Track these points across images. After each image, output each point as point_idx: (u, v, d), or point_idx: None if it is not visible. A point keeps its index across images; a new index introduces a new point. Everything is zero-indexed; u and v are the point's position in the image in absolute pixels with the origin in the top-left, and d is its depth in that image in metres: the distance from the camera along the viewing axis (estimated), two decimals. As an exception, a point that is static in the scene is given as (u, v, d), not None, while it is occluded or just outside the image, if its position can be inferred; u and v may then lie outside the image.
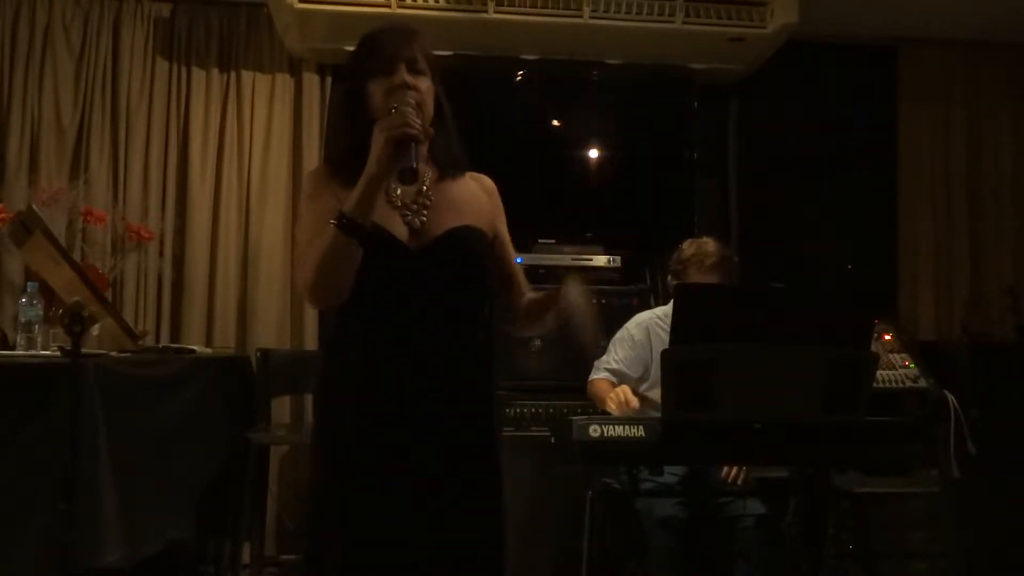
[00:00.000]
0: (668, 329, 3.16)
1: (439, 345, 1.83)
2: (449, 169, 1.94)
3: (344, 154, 1.88)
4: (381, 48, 1.87)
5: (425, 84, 1.86)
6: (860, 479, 3.66)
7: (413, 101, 1.78)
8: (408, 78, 1.83)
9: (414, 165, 1.71)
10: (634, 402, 2.96)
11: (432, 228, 1.87)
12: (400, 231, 1.85)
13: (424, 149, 1.84)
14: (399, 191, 1.87)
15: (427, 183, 1.91)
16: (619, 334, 3.37)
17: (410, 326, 1.81)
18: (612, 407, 2.97)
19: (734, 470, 3.09)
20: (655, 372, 3.18)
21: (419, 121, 1.75)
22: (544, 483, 3.56)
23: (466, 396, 1.87)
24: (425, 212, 1.88)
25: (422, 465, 1.81)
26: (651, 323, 3.33)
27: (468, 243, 1.89)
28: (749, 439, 2.32)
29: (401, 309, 1.81)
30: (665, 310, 3.37)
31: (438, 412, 1.83)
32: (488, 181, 2.05)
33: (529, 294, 2.05)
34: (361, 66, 1.89)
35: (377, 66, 1.85)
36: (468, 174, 2.01)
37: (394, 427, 1.81)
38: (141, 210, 4.38)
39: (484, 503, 1.88)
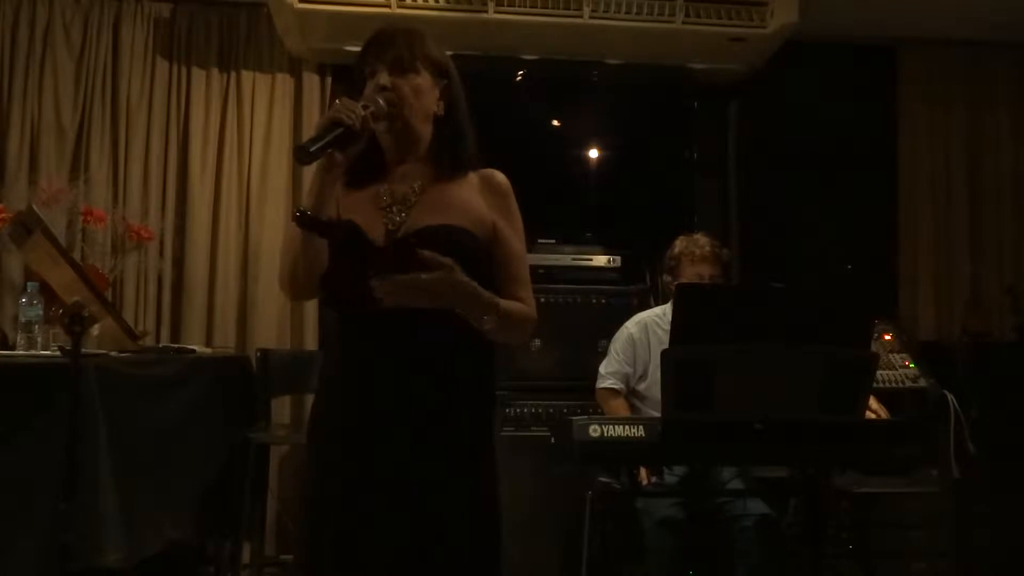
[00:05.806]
0: (666, 328, 3.21)
1: (405, 341, 1.79)
2: (448, 168, 1.90)
3: None
4: (366, 51, 1.89)
5: (414, 82, 1.86)
6: (860, 479, 3.66)
7: (381, 100, 1.80)
8: (388, 80, 1.83)
9: (311, 149, 1.68)
10: None
11: (407, 227, 1.83)
12: (378, 231, 1.82)
13: (359, 143, 1.77)
14: (386, 191, 1.87)
15: (419, 183, 1.88)
16: (618, 334, 3.40)
17: (377, 324, 1.79)
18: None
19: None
20: (653, 370, 3.18)
21: (357, 112, 1.74)
22: (544, 483, 3.56)
23: (432, 396, 1.80)
24: (405, 212, 1.85)
25: (403, 462, 1.78)
26: (649, 321, 3.36)
27: (440, 241, 1.79)
28: (749, 439, 2.33)
29: (368, 307, 1.77)
30: (663, 309, 3.39)
31: (404, 413, 1.78)
32: (498, 180, 1.94)
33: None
34: (357, 69, 1.92)
35: (365, 70, 1.88)
36: (479, 173, 1.94)
37: (369, 426, 1.79)
38: (141, 210, 4.38)
39: (476, 501, 1.85)
